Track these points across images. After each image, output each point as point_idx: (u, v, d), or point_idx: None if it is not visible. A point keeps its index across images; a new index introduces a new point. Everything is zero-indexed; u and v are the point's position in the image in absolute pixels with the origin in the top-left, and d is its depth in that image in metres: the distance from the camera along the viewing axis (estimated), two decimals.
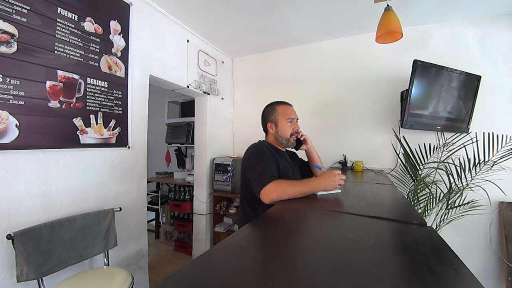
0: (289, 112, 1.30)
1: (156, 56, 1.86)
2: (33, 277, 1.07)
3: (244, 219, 1.20)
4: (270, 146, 1.26)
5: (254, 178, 1.05)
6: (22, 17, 1.11)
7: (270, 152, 1.17)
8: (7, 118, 1.07)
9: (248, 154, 1.18)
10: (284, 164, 1.25)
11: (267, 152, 1.16)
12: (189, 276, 0.43)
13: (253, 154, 1.16)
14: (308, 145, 1.39)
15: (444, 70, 1.82)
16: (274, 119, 1.29)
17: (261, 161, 1.10)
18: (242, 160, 1.22)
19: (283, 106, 1.31)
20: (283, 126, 1.28)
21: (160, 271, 2.33)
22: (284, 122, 1.28)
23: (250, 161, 1.14)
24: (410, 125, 1.86)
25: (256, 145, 1.22)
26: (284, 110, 1.30)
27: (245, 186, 1.16)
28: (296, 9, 1.88)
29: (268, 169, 1.05)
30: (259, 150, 1.16)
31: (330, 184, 0.99)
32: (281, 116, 1.28)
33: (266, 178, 1.00)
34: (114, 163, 1.56)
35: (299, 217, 0.81)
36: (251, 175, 1.08)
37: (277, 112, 1.29)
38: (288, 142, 1.29)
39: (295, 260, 0.50)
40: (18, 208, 1.13)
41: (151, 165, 2.75)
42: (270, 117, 1.31)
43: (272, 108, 1.31)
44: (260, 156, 1.13)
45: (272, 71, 2.72)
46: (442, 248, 0.53)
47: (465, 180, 1.67)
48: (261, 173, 1.03)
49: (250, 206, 1.17)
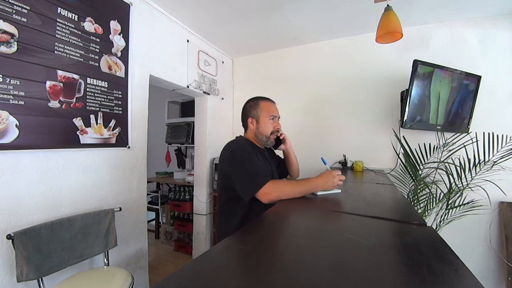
0: (272, 109, 1.24)
1: (156, 56, 1.86)
2: (33, 277, 1.07)
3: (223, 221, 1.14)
4: (249, 143, 1.20)
5: (243, 179, 1.00)
6: (22, 17, 1.11)
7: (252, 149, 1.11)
8: (7, 118, 1.07)
9: (229, 152, 1.09)
10: (264, 162, 1.19)
11: (250, 150, 1.09)
12: (189, 276, 0.43)
13: (237, 152, 1.07)
14: (287, 146, 1.34)
15: (444, 70, 1.82)
16: (256, 114, 1.22)
17: (248, 160, 1.04)
18: (220, 159, 1.14)
19: (266, 102, 1.24)
20: (265, 123, 1.21)
21: (160, 271, 2.33)
22: (266, 119, 1.21)
23: (233, 161, 1.06)
24: (410, 125, 1.86)
25: (235, 143, 1.14)
26: (268, 107, 1.23)
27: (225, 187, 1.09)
28: (296, 9, 1.87)
29: (259, 169, 1.02)
30: (241, 148, 1.08)
31: (329, 184, 0.97)
32: (264, 113, 1.22)
33: (261, 178, 0.96)
34: (114, 163, 1.56)
35: (299, 217, 0.81)
36: (238, 175, 1.02)
37: (259, 108, 1.22)
38: (268, 140, 1.23)
39: (295, 260, 0.50)
40: (18, 208, 1.13)
41: (151, 165, 2.75)
42: (252, 112, 1.23)
43: (255, 103, 1.24)
44: (245, 155, 1.06)
45: (272, 71, 2.72)
46: (442, 248, 0.53)
47: (465, 180, 1.67)
48: (252, 173, 0.99)
49: (229, 208, 1.11)
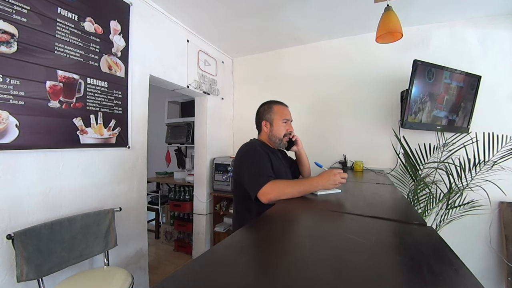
0: (285, 113, 1.30)
1: (156, 56, 1.86)
2: (33, 277, 1.07)
3: (238, 219, 1.19)
4: (262, 145, 1.26)
5: (249, 178, 1.04)
6: (22, 17, 1.11)
7: (263, 151, 1.16)
8: (7, 118, 1.07)
9: (242, 153, 1.16)
10: (277, 162, 1.24)
11: (261, 152, 1.14)
12: (189, 276, 0.43)
13: (247, 153, 1.14)
14: (299, 147, 1.40)
15: (444, 70, 1.82)
16: (269, 118, 1.29)
17: (256, 161, 1.09)
18: (234, 159, 1.20)
19: (280, 106, 1.31)
20: (278, 126, 1.28)
21: (160, 271, 2.33)
22: (280, 122, 1.28)
23: (244, 161, 1.12)
24: (410, 125, 1.86)
25: (249, 144, 1.21)
26: (281, 110, 1.30)
27: (239, 186, 1.14)
28: (296, 9, 1.87)
29: (264, 169, 1.05)
30: (253, 149, 1.15)
31: (329, 183, 0.97)
32: (277, 116, 1.28)
33: (263, 178, 0.99)
34: (114, 163, 1.56)
35: (299, 217, 0.81)
36: (246, 175, 1.06)
37: (273, 111, 1.29)
38: (281, 142, 1.29)
39: (295, 260, 0.50)
40: (18, 208, 1.13)
41: (151, 165, 2.75)
42: (265, 116, 1.30)
43: (269, 107, 1.31)
44: (255, 156, 1.11)
45: (272, 71, 2.72)
46: (442, 248, 0.53)
47: (465, 180, 1.67)
48: (257, 173, 1.02)
49: (244, 206, 1.15)
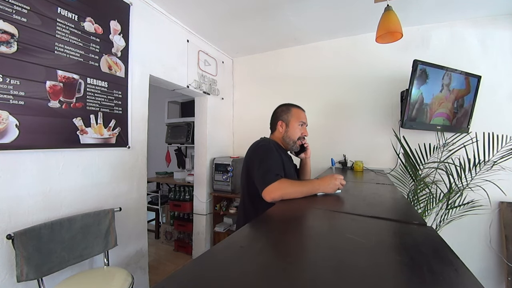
0: (302, 116, 1.32)
1: (156, 56, 1.86)
2: (33, 277, 1.07)
3: (244, 216, 1.20)
4: (276, 144, 1.26)
5: (258, 175, 1.04)
6: (22, 17, 1.11)
7: (276, 150, 1.16)
8: (7, 118, 1.07)
9: (254, 150, 1.17)
10: (288, 164, 1.25)
11: (273, 150, 1.14)
12: (189, 276, 0.43)
13: (259, 150, 1.14)
14: (307, 155, 1.41)
15: (444, 70, 1.82)
16: (286, 119, 1.30)
17: (268, 158, 1.09)
18: (245, 155, 1.21)
19: (298, 109, 1.34)
20: (294, 128, 1.29)
21: (160, 271, 2.33)
22: (296, 124, 1.29)
23: (255, 158, 1.12)
24: (410, 125, 1.86)
25: (263, 141, 1.21)
26: (298, 113, 1.32)
27: (248, 182, 1.15)
28: (296, 9, 1.87)
29: (273, 167, 1.05)
30: (265, 147, 1.15)
31: (330, 187, 1.01)
32: (294, 118, 1.30)
33: (271, 176, 1.00)
34: (114, 163, 1.56)
35: (300, 217, 0.81)
36: (256, 172, 1.07)
37: (291, 113, 1.31)
38: (294, 144, 1.30)
39: (295, 260, 0.50)
40: (18, 208, 1.13)
41: (151, 165, 2.75)
42: (283, 116, 1.31)
43: (287, 108, 1.33)
44: (267, 153, 1.11)
45: (272, 71, 2.72)
46: (442, 248, 0.53)
47: (465, 180, 1.67)
48: (266, 171, 1.02)
49: (251, 203, 1.16)
